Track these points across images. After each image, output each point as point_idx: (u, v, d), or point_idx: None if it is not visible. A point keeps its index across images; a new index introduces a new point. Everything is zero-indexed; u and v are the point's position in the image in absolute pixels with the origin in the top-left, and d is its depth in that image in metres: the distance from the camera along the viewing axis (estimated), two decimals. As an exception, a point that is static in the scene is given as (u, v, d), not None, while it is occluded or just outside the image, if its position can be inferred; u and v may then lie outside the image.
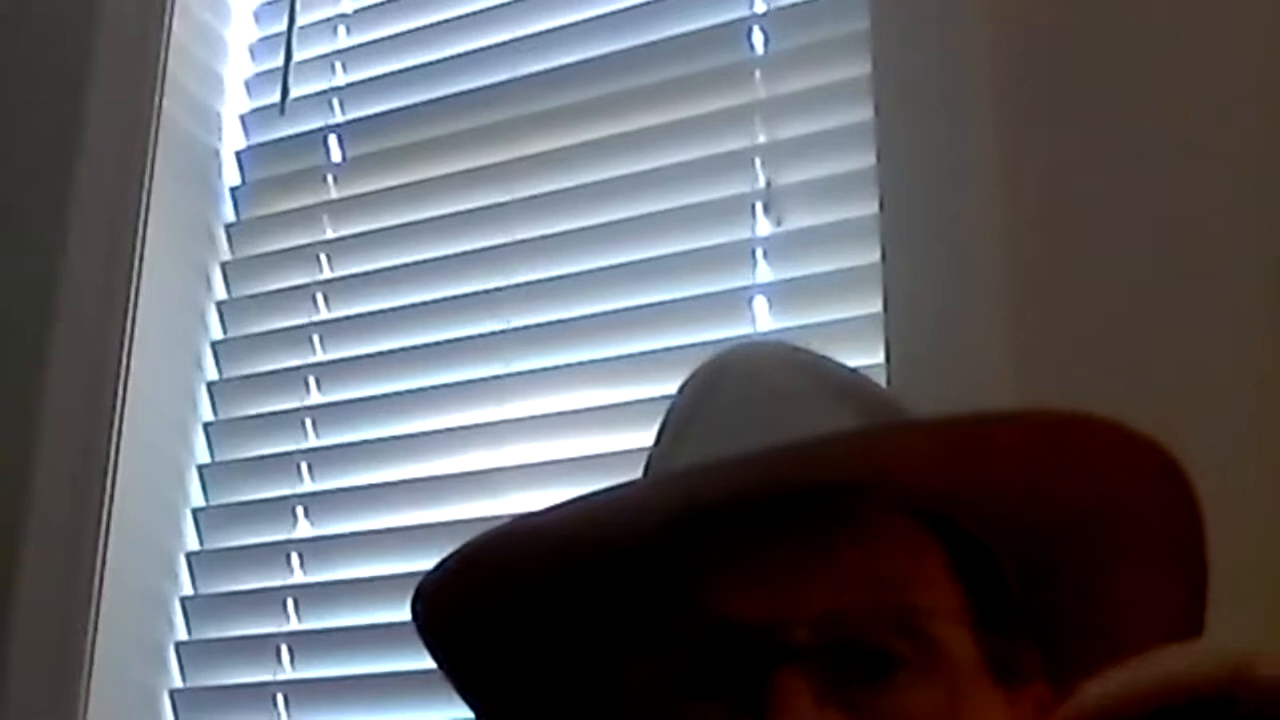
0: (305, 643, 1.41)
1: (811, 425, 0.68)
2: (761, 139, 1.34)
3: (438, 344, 1.44)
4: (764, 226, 1.31)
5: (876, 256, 1.20)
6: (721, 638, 0.64)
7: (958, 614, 0.66)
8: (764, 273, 1.30)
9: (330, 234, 1.55)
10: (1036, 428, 0.65)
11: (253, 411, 1.53)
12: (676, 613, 0.66)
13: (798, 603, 0.63)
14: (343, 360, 1.49)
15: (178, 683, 1.45)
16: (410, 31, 1.57)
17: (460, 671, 0.76)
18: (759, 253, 1.30)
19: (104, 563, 1.42)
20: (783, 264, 1.30)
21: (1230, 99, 1.09)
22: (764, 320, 1.28)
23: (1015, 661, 0.68)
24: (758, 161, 1.33)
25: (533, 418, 1.36)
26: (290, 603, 1.42)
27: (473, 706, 0.77)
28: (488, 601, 0.71)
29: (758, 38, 1.36)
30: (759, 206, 1.31)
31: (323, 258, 1.55)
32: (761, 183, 1.32)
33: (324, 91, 1.60)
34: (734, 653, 0.63)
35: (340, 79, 1.61)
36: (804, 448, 0.64)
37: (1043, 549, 0.69)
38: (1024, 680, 0.68)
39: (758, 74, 1.36)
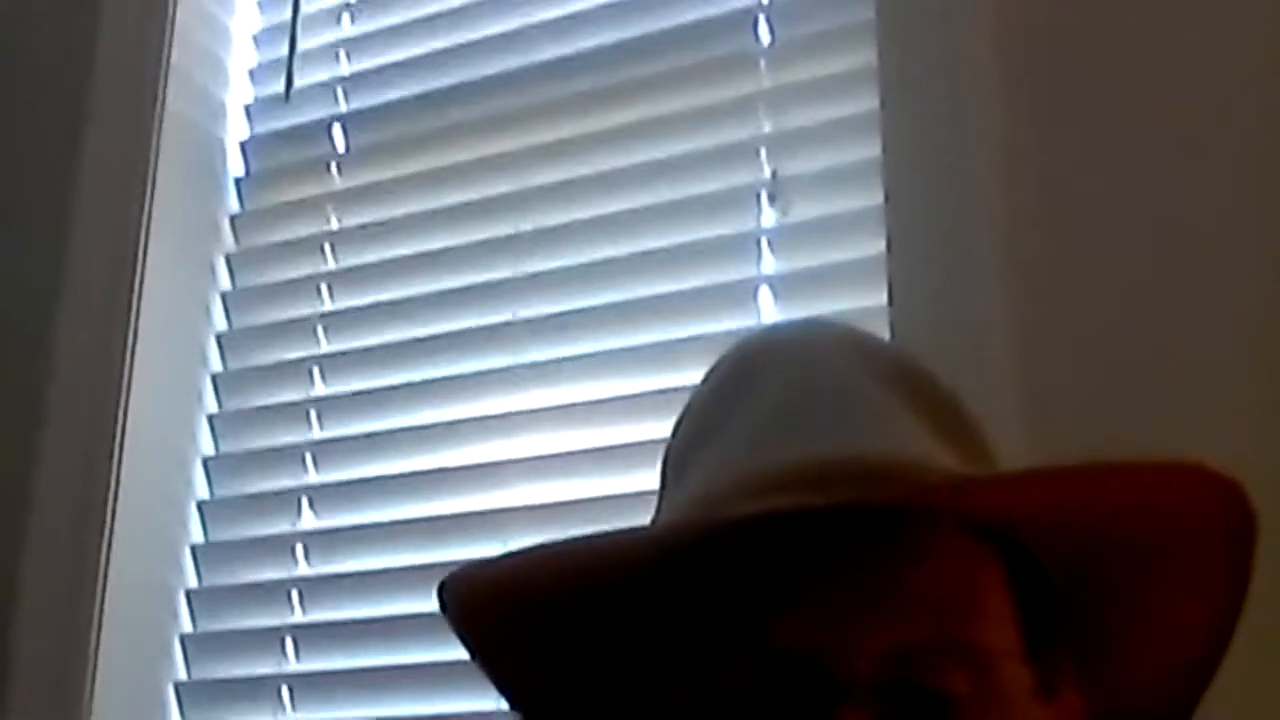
0: (310, 635, 1.41)
1: (865, 420, 0.65)
2: (767, 129, 1.33)
3: (444, 335, 1.43)
4: (769, 217, 1.30)
5: (881, 247, 1.20)
6: (777, 669, 0.60)
7: (1014, 642, 0.64)
8: (769, 263, 1.30)
9: (335, 224, 1.55)
10: (1125, 479, 0.63)
11: (258, 403, 1.53)
12: (727, 638, 0.62)
13: (859, 635, 0.60)
14: (348, 352, 1.49)
15: (182, 675, 1.45)
16: (415, 20, 1.57)
17: (494, 668, 0.73)
18: (764, 243, 1.30)
19: (109, 555, 1.42)
20: (788, 255, 1.29)
21: (1230, 99, 1.09)
22: (769, 311, 1.28)
23: (1054, 675, 0.66)
24: (763, 152, 1.32)
25: (539, 409, 1.35)
26: (295, 595, 1.42)
27: (506, 696, 0.74)
28: (528, 610, 0.68)
29: (763, 28, 1.36)
30: (764, 197, 1.30)
31: (328, 248, 1.54)
32: (767, 173, 1.31)
33: (329, 81, 1.60)
34: (789, 686, 0.60)
35: (345, 68, 1.60)
36: (885, 492, 0.61)
37: (1094, 565, 0.67)
38: (1061, 693, 0.67)
39: (763, 64, 1.35)
